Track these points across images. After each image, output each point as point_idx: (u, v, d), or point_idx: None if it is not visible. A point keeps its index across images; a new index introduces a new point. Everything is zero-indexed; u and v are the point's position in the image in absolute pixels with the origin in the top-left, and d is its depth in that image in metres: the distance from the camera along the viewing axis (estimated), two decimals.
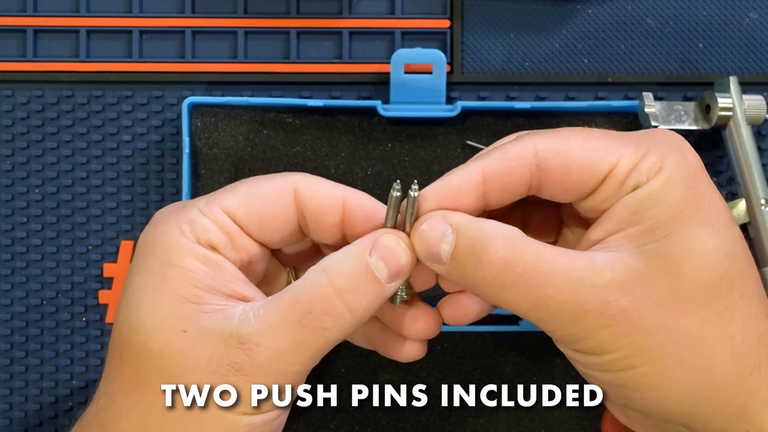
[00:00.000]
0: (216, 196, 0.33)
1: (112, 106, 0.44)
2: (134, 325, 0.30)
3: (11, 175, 0.44)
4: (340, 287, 0.30)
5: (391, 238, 0.31)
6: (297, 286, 0.30)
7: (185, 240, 0.31)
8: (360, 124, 0.43)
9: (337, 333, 0.30)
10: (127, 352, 0.30)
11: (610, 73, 0.45)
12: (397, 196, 0.31)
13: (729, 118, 0.41)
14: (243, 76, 0.44)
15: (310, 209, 0.33)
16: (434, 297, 0.35)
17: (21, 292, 0.44)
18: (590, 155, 0.30)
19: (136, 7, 0.45)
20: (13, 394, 0.44)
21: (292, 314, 0.30)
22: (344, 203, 0.33)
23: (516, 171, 0.30)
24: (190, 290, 0.30)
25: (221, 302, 0.30)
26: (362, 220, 0.33)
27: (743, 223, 0.41)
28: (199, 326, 0.30)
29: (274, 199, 0.33)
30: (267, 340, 0.29)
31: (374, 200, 0.33)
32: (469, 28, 0.45)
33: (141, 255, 0.32)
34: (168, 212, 0.33)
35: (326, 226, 0.33)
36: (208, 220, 0.32)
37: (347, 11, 0.45)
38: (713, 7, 0.45)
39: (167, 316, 0.30)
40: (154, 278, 0.31)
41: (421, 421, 0.43)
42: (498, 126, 0.43)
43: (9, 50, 0.45)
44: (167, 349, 0.30)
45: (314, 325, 0.30)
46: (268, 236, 0.33)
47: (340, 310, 0.30)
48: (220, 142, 0.43)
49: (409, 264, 0.31)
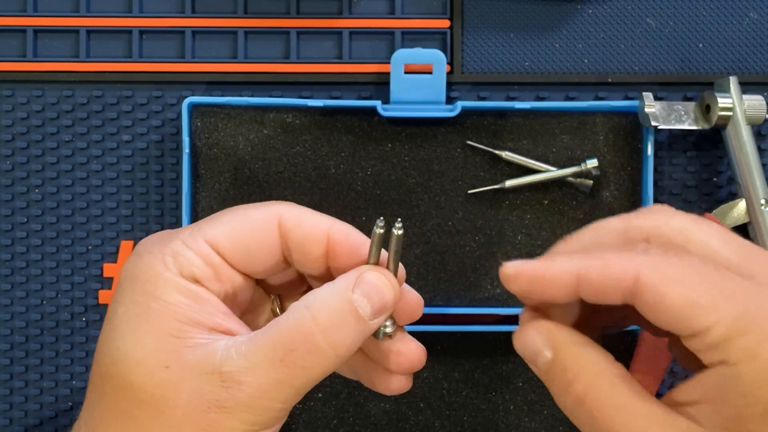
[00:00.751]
0: (201, 226, 0.32)
1: (112, 106, 0.44)
2: (116, 357, 0.30)
3: (11, 175, 0.44)
4: (323, 324, 0.30)
5: (375, 275, 0.31)
6: (280, 322, 0.30)
7: (169, 273, 0.31)
8: (360, 124, 0.43)
9: (320, 371, 0.30)
10: (109, 383, 0.30)
11: (610, 73, 0.45)
12: (380, 233, 0.31)
13: (729, 118, 0.41)
14: (243, 76, 0.44)
15: (294, 240, 0.32)
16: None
17: (21, 292, 0.44)
18: (686, 309, 0.26)
19: (136, 7, 0.45)
20: (13, 394, 0.44)
21: (275, 352, 0.29)
22: (329, 235, 0.32)
23: (610, 290, 0.28)
24: (173, 324, 0.30)
25: (204, 336, 0.30)
26: (347, 252, 0.32)
27: (743, 223, 0.41)
28: (182, 361, 0.29)
29: (259, 229, 0.32)
30: (249, 378, 0.29)
31: (359, 233, 0.33)
32: (469, 28, 0.45)
33: (124, 285, 0.31)
34: (152, 242, 0.32)
35: (311, 258, 0.33)
36: (192, 253, 0.31)
37: (347, 11, 0.45)
38: (713, 7, 0.45)
39: (150, 350, 0.30)
40: (138, 310, 0.30)
41: (421, 421, 0.43)
42: (498, 126, 0.43)
43: (9, 50, 0.45)
44: (149, 384, 0.29)
45: (297, 363, 0.29)
46: (252, 267, 0.33)
47: (323, 349, 0.30)
48: (220, 142, 0.43)
49: (392, 301, 0.31)
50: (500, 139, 0.43)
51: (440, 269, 0.43)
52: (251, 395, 0.29)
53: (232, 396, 0.29)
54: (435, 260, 0.43)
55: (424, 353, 0.34)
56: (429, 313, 0.42)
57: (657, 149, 0.44)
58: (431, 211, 0.43)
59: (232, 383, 0.29)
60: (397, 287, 0.31)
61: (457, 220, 0.43)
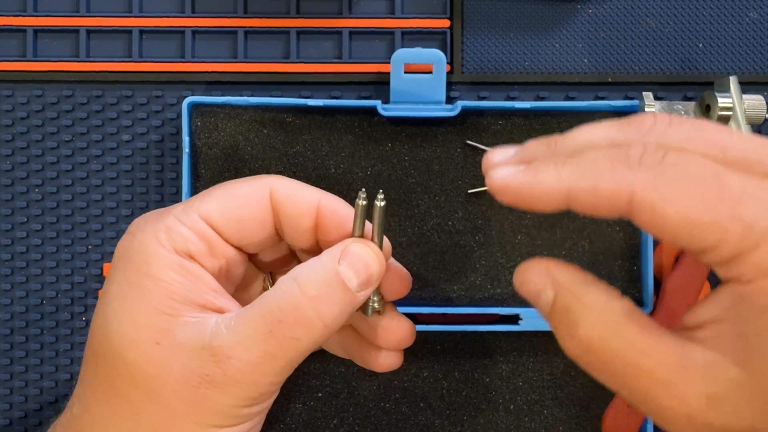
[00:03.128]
0: (193, 201, 0.33)
1: (112, 106, 0.44)
2: (109, 335, 0.30)
3: (11, 175, 0.44)
4: (311, 295, 0.30)
5: (359, 246, 0.31)
6: (268, 296, 0.30)
7: (162, 249, 0.31)
8: (360, 124, 0.43)
9: (309, 342, 0.30)
10: (102, 360, 0.31)
11: (610, 73, 0.45)
12: (362, 204, 0.31)
13: (729, 118, 0.41)
14: (243, 76, 0.45)
15: (285, 212, 0.33)
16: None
17: (21, 292, 0.44)
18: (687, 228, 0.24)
19: (136, 7, 0.45)
20: (13, 394, 0.44)
21: (264, 324, 0.30)
22: (318, 208, 0.33)
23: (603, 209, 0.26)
24: (166, 302, 0.30)
25: (195, 314, 0.30)
26: (335, 225, 0.33)
27: None
28: (173, 339, 0.30)
29: (251, 201, 0.33)
30: (239, 352, 0.29)
31: (348, 206, 0.33)
32: (469, 28, 0.45)
33: (118, 264, 0.32)
34: (145, 220, 0.32)
35: (301, 230, 0.33)
36: (185, 228, 0.32)
37: (347, 11, 0.45)
38: (713, 7, 0.45)
39: (142, 328, 0.30)
40: (130, 288, 0.31)
41: (421, 421, 0.43)
42: (498, 126, 0.43)
43: (9, 50, 0.45)
44: (141, 361, 0.30)
45: (285, 334, 0.30)
46: (245, 240, 0.33)
47: (311, 319, 0.30)
48: (220, 142, 0.43)
49: (378, 273, 0.31)
50: (500, 139, 0.43)
51: (440, 269, 0.43)
52: (241, 369, 0.29)
53: (223, 371, 0.29)
54: (435, 260, 0.43)
55: (413, 329, 0.34)
56: (429, 313, 0.42)
57: None
58: (431, 211, 0.43)
59: (222, 358, 0.29)
60: (382, 259, 0.32)
61: (457, 220, 0.43)
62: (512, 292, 0.42)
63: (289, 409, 0.43)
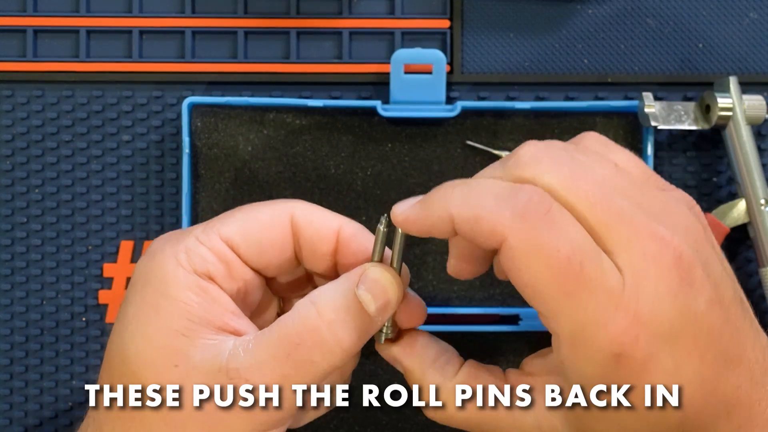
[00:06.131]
0: (214, 223, 0.33)
1: (112, 106, 0.44)
2: (127, 357, 0.30)
3: (11, 175, 0.44)
4: (329, 319, 0.30)
5: (379, 271, 0.31)
6: (285, 319, 0.30)
7: (181, 270, 0.31)
8: (360, 124, 0.43)
9: (326, 366, 0.30)
10: (119, 381, 0.30)
11: (610, 73, 0.45)
12: (384, 231, 0.31)
13: (729, 118, 0.41)
14: (243, 76, 0.44)
15: (305, 236, 0.33)
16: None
17: (21, 292, 0.44)
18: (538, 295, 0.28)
19: (136, 7, 0.45)
20: (13, 394, 0.44)
21: (281, 348, 0.30)
22: (339, 233, 0.33)
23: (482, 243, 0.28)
24: (183, 323, 0.30)
25: (213, 336, 0.30)
26: (354, 251, 0.33)
27: (743, 223, 0.41)
28: (190, 361, 0.30)
29: (272, 225, 0.33)
30: (255, 375, 0.29)
31: (367, 232, 0.33)
32: (469, 28, 0.45)
33: (136, 285, 0.32)
34: (164, 241, 0.32)
35: (320, 254, 0.33)
36: (205, 249, 0.31)
37: (347, 11, 0.45)
38: (713, 7, 0.45)
39: (159, 349, 0.30)
40: (148, 309, 0.31)
41: (421, 421, 0.43)
42: (498, 126, 0.43)
43: (9, 50, 0.45)
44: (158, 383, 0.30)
45: (303, 358, 0.30)
46: (265, 263, 0.33)
47: (328, 342, 0.30)
48: (220, 142, 0.43)
49: (396, 299, 0.31)
50: (500, 139, 0.43)
51: (440, 269, 0.43)
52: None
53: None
54: (435, 260, 0.43)
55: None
56: (429, 313, 0.42)
57: (657, 149, 0.44)
58: None
59: (239, 381, 0.29)
60: (400, 284, 0.32)
61: None
62: (512, 292, 0.42)
63: None
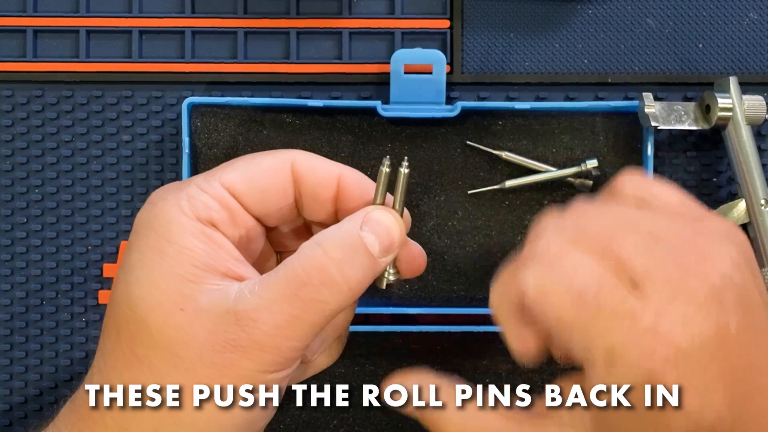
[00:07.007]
0: (215, 171, 0.33)
1: (112, 106, 0.44)
2: (132, 302, 0.30)
3: (11, 175, 0.44)
4: (336, 258, 0.30)
5: (381, 213, 0.32)
6: (292, 260, 0.30)
7: (184, 217, 0.31)
8: (360, 124, 0.43)
9: (334, 305, 0.30)
10: (125, 328, 0.30)
11: (610, 73, 0.45)
12: (387, 172, 0.32)
13: (729, 119, 0.41)
14: (243, 76, 0.44)
15: (306, 183, 0.33)
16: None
17: (21, 292, 0.44)
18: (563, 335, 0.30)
19: (136, 7, 0.45)
20: (13, 395, 0.44)
21: (289, 287, 0.30)
22: (340, 179, 0.33)
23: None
24: (188, 269, 0.30)
25: (218, 281, 0.31)
26: (356, 195, 0.33)
27: (743, 223, 0.41)
28: (197, 305, 0.30)
29: (274, 172, 0.33)
30: (264, 315, 0.29)
31: (368, 179, 0.34)
32: (469, 28, 0.45)
33: (139, 232, 0.32)
34: (165, 190, 0.33)
35: (321, 201, 0.33)
36: (207, 196, 0.32)
37: (347, 11, 0.45)
38: (713, 7, 0.45)
39: (165, 293, 0.30)
40: (152, 255, 0.31)
41: None
42: (498, 126, 0.43)
43: (9, 50, 0.45)
44: (165, 326, 0.30)
45: (311, 296, 0.30)
46: (266, 211, 0.33)
47: (337, 280, 0.30)
48: (220, 142, 0.43)
49: (399, 240, 0.32)
50: (500, 139, 0.43)
51: (440, 269, 0.43)
52: (266, 332, 0.29)
53: (248, 334, 0.29)
54: (435, 260, 0.43)
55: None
56: (429, 313, 0.42)
57: (657, 149, 0.44)
58: (431, 211, 0.43)
59: (247, 321, 0.29)
60: (402, 226, 0.32)
61: (457, 220, 0.43)
62: None
63: (289, 410, 0.43)
